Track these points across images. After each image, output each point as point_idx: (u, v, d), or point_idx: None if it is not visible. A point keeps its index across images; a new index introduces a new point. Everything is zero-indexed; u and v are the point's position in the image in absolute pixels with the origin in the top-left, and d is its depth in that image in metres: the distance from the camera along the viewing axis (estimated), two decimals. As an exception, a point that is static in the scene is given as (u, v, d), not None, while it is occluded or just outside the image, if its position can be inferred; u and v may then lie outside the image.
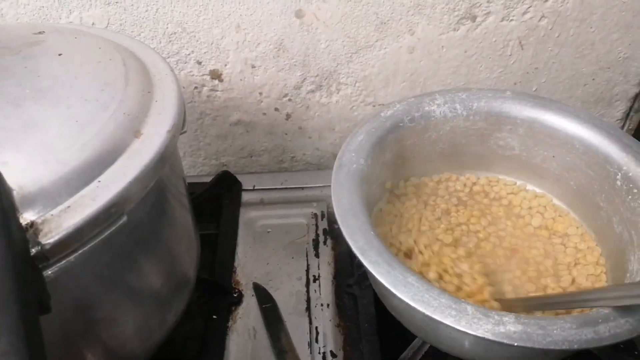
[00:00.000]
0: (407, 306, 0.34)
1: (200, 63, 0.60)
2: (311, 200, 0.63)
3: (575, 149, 0.48)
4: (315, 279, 0.55)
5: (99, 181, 0.31)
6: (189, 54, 0.59)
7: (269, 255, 0.57)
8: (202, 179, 0.65)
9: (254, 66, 0.61)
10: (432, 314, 0.33)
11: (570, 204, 0.51)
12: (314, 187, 0.65)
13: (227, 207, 0.62)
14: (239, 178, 0.65)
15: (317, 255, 0.57)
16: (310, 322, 0.51)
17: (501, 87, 0.65)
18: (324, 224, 0.60)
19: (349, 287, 0.53)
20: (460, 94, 0.51)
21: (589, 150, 0.47)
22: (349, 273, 0.55)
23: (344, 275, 0.55)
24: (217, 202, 0.62)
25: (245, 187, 0.65)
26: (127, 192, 0.31)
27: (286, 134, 0.69)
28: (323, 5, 0.56)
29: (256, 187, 0.65)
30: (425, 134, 0.51)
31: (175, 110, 0.37)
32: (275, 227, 0.60)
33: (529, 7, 0.59)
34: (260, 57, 0.60)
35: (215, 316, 0.51)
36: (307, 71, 0.62)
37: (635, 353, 0.47)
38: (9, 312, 0.22)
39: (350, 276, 0.54)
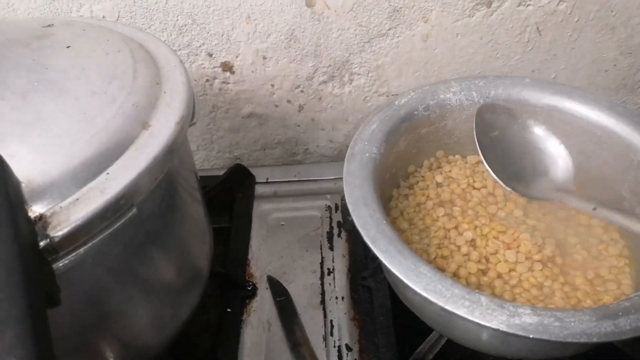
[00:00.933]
0: (420, 297, 0.33)
1: (211, 55, 0.60)
2: (325, 193, 0.63)
3: (597, 138, 0.47)
4: (330, 271, 0.54)
5: (107, 173, 0.30)
6: (200, 46, 0.59)
7: (282, 248, 0.57)
8: (216, 172, 0.65)
9: (265, 57, 0.60)
10: (445, 305, 0.32)
11: (591, 194, 0.50)
12: (327, 179, 0.64)
13: (241, 201, 0.62)
14: (252, 171, 0.65)
15: (332, 247, 0.57)
16: (325, 315, 0.50)
17: (519, 75, 0.64)
18: (338, 216, 0.60)
19: (363, 280, 0.52)
20: (477, 82, 0.50)
21: (611, 138, 0.46)
22: (363, 265, 0.54)
23: (358, 268, 0.54)
24: (230, 196, 0.62)
25: (258, 180, 0.65)
26: (136, 184, 0.31)
27: (299, 126, 0.68)
28: (334, -7, 0.55)
29: (269, 180, 0.65)
30: (441, 123, 0.50)
31: (184, 102, 0.36)
32: (289, 220, 0.60)
33: (547, -9, 0.57)
34: (271, 48, 0.59)
35: (229, 309, 0.51)
36: (319, 62, 0.61)
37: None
38: (16, 305, 0.21)
39: (365, 269, 0.53)
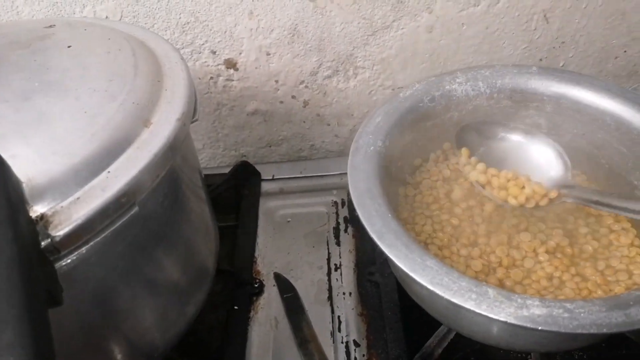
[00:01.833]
0: (427, 291, 0.32)
1: (214, 52, 0.59)
2: (331, 188, 0.62)
3: (607, 125, 0.46)
4: (337, 267, 0.54)
5: (108, 171, 0.30)
6: (203, 44, 0.58)
7: (289, 244, 0.57)
8: (222, 170, 0.65)
9: (268, 53, 0.60)
10: (452, 298, 0.31)
11: (602, 184, 0.49)
12: (333, 175, 0.64)
13: (247, 198, 0.61)
14: (258, 168, 0.65)
15: (338, 243, 0.56)
16: (333, 311, 0.50)
17: (526, 64, 0.63)
18: (344, 212, 0.59)
19: (371, 275, 0.52)
20: (483, 71, 0.49)
21: (622, 126, 0.45)
22: (370, 261, 0.53)
23: (365, 263, 0.53)
24: (236, 193, 0.62)
25: (264, 177, 0.64)
26: (137, 182, 0.31)
27: (304, 121, 0.67)
28: (336, -14, 0.55)
29: (275, 177, 0.65)
30: (447, 114, 0.49)
31: (185, 99, 0.36)
32: (295, 216, 0.59)
33: (554, -22, 0.56)
34: (274, 44, 0.59)
35: (236, 307, 0.50)
36: (323, 56, 0.60)
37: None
38: (15, 304, 0.21)
39: (372, 264, 0.53)
